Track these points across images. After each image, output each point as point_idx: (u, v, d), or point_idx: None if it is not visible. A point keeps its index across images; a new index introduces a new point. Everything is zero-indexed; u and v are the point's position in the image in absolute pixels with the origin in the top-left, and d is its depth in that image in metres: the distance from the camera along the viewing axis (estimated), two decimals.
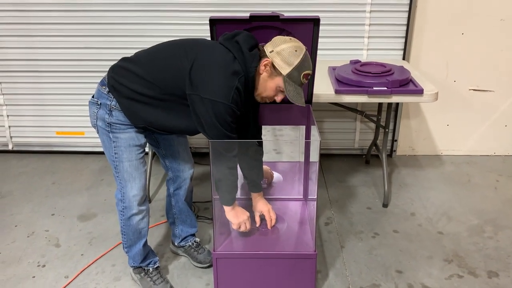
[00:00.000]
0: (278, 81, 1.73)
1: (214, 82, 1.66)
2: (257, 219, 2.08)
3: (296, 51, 1.70)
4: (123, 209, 1.92)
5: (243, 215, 1.96)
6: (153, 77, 1.73)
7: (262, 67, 1.73)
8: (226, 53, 1.70)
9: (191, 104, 1.70)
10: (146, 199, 1.96)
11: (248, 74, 1.71)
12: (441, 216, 2.62)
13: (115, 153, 1.83)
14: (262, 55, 1.74)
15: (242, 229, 1.97)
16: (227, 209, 1.93)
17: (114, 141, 1.82)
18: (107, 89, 1.78)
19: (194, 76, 1.67)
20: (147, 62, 1.77)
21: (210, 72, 1.67)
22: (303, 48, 1.73)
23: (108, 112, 1.78)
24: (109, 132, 1.81)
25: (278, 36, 1.77)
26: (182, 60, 1.70)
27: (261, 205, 2.08)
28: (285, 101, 1.81)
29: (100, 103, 1.79)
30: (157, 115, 1.77)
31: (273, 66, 1.72)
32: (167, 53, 1.76)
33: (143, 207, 1.94)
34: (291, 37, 1.76)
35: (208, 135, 1.74)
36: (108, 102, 1.78)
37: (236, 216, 1.94)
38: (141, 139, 1.85)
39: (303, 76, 1.73)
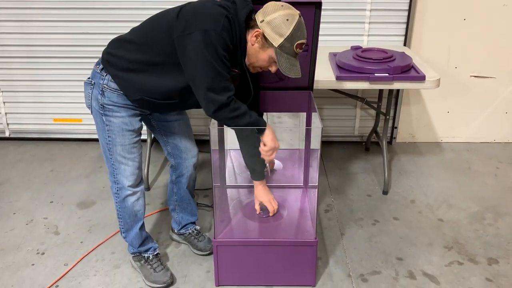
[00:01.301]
0: (271, 53, 1.66)
1: (202, 15, 1.60)
2: (257, 207, 2.06)
3: (287, 20, 1.62)
4: (117, 190, 1.92)
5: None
6: (144, 38, 1.71)
7: (253, 38, 1.66)
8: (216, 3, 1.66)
9: (180, 50, 1.62)
10: (141, 181, 1.95)
11: (239, 23, 1.64)
12: (441, 203, 2.61)
13: (108, 136, 1.82)
14: (253, 24, 1.67)
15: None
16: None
17: (107, 125, 1.81)
18: (101, 66, 1.77)
19: (181, 17, 1.62)
20: (138, 28, 1.77)
21: (197, 10, 1.62)
22: (296, 15, 1.64)
23: (100, 93, 1.77)
24: (102, 115, 1.80)
25: (269, 3, 1.66)
26: (170, 13, 1.68)
27: (262, 195, 2.06)
28: (284, 87, 1.79)
29: (94, 83, 1.78)
30: (153, 82, 1.73)
31: (264, 37, 1.65)
32: (157, 15, 1.75)
33: (137, 189, 1.93)
34: (284, 3, 1.66)
35: (198, 82, 1.62)
36: (101, 82, 1.76)
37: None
38: (135, 124, 1.83)
39: (297, 46, 1.65)
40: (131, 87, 1.75)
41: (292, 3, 1.83)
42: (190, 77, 1.65)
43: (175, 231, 2.27)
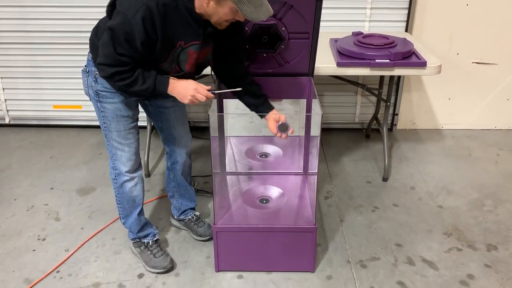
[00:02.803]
0: (229, 4, 1.56)
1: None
2: (273, 130, 1.87)
3: None
4: (115, 176, 1.93)
5: (188, 85, 1.68)
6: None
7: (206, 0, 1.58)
8: None
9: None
10: (139, 167, 1.96)
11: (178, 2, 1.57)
12: (441, 190, 2.61)
13: (103, 123, 1.84)
14: None
15: (200, 98, 1.69)
16: (168, 90, 1.69)
17: (102, 111, 1.82)
18: (90, 54, 1.77)
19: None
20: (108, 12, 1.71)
21: None
22: None
23: (94, 79, 1.77)
24: (97, 102, 1.81)
25: None
26: None
27: (274, 116, 1.88)
28: (284, 73, 1.77)
29: (88, 71, 1.79)
30: None
31: None
32: None
33: (134, 174, 1.94)
34: None
35: (100, 50, 1.59)
36: (93, 69, 1.76)
37: (179, 91, 1.69)
38: (129, 110, 1.83)
39: None
40: None
41: None
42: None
43: (175, 217, 2.27)
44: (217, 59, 1.83)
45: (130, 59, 1.59)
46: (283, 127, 1.84)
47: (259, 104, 1.90)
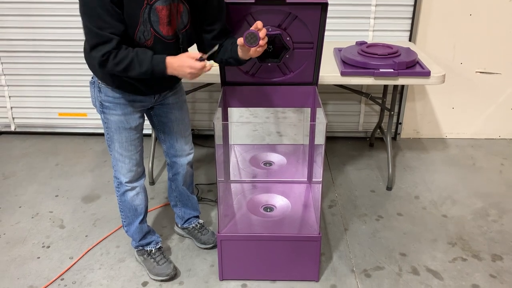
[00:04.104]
0: None
1: None
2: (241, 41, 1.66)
3: None
4: (118, 185, 1.95)
5: (183, 63, 1.62)
6: None
7: None
8: None
9: None
10: (140, 176, 1.96)
11: None
12: (445, 199, 2.61)
13: (107, 133, 1.86)
14: None
15: (193, 72, 1.62)
16: (167, 71, 1.64)
17: (105, 122, 1.83)
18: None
19: None
20: None
21: None
22: None
23: (98, 89, 1.79)
24: (101, 113, 1.83)
25: None
26: None
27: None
28: (288, 82, 1.78)
29: (94, 81, 1.80)
30: None
31: None
32: None
33: (136, 184, 1.95)
34: None
35: (86, 46, 1.59)
36: (96, 79, 1.78)
37: (177, 69, 1.63)
38: (132, 122, 1.83)
39: None
40: (104, 72, 1.71)
41: (298, 4, 1.83)
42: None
43: (179, 226, 2.28)
44: (199, 35, 1.76)
45: (110, 29, 1.54)
46: (251, 38, 1.62)
47: (234, 46, 1.74)
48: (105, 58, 1.57)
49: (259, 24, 1.61)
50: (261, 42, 1.62)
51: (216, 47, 1.71)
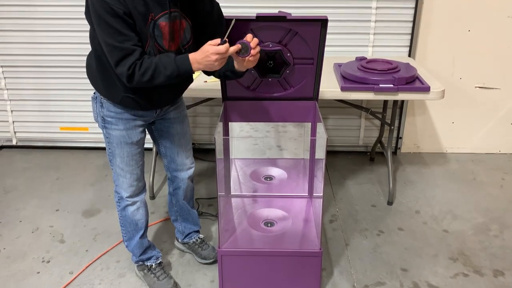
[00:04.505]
0: None
1: None
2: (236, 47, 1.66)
3: None
4: (118, 199, 1.95)
5: (205, 53, 1.60)
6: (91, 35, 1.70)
7: None
8: None
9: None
10: (141, 191, 1.97)
11: None
12: (446, 214, 2.61)
13: (109, 148, 1.86)
14: None
15: (219, 57, 1.60)
16: (193, 67, 1.63)
17: (107, 137, 1.84)
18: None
19: None
20: None
21: None
22: None
23: (100, 105, 1.80)
24: (103, 128, 1.84)
25: None
26: None
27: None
28: (289, 97, 1.80)
29: (96, 97, 1.82)
30: (113, 73, 1.68)
31: None
32: None
33: (136, 198, 1.95)
34: None
35: (108, 59, 1.60)
36: (98, 94, 1.80)
37: (202, 62, 1.61)
38: (134, 136, 1.84)
39: None
40: (112, 87, 1.73)
41: (298, 20, 1.86)
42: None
43: (179, 241, 2.27)
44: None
45: (130, 41, 1.56)
46: (242, 48, 1.63)
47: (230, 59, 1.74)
48: (131, 71, 1.58)
49: (248, 36, 1.63)
50: (253, 52, 1.63)
51: (232, 23, 1.66)
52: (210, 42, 1.61)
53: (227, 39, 1.60)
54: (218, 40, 1.60)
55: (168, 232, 2.44)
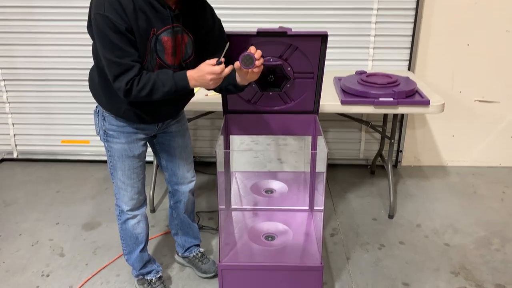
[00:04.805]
0: None
1: (94, 0, 1.58)
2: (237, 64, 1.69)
3: None
4: (119, 213, 1.95)
5: (203, 73, 1.63)
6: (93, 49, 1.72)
7: None
8: None
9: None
10: (142, 204, 1.96)
11: None
12: (447, 227, 2.60)
13: (110, 162, 1.87)
14: None
15: (214, 77, 1.63)
16: (190, 84, 1.66)
17: (109, 150, 1.85)
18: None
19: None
20: None
21: None
22: None
23: (102, 118, 1.81)
24: (105, 141, 1.84)
25: None
26: None
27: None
28: (290, 111, 1.81)
29: (98, 110, 1.83)
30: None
31: None
32: None
33: (137, 212, 1.94)
34: None
35: (107, 73, 1.61)
36: (101, 108, 1.81)
37: (199, 80, 1.64)
38: (135, 150, 1.85)
39: None
40: (115, 101, 1.74)
41: (299, 36, 1.88)
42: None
43: (179, 255, 2.26)
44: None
45: (129, 57, 1.58)
46: (247, 60, 1.63)
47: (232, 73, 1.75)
48: (129, 86, 1.60)
49: (252, 48, 1.65)
50: (257, 63, 1.64)
51: (227, 46, 1.69)
52: (207, 61, 1.64)
53: (222, 60, 1.63)
54: (214, 60, 1.63)
55: (169, 245, 2.43)
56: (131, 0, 1.55)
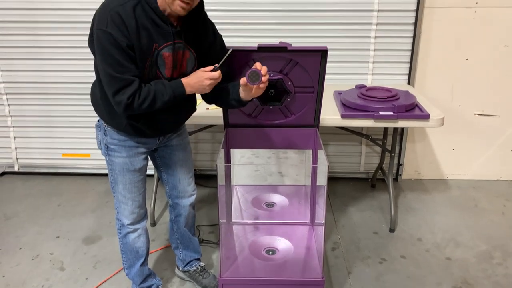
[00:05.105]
0: None
1: (95, 15, 1.61)
2: (243, 81, 1.74)
3: None
4: (120, 227, 1.95)
5: (199, 78, 1.70)
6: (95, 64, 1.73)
7: None
8: None
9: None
10: (142, 218, 1.97)
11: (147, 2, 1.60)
12: (448, 241, 2.59)
13: (111, 175, 1.87)
14: None
15: (212, 82, 1.70)
16: (186, 91, 1.71)
17: (110, 164, 1.86)
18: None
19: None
20: None
21: (97, 10, 1.62)
22: None
23: (104, 132, 1.82)
24: (106, 155, 1.85)
25: None
26: None
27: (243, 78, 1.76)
28: (290, 125, 1.82)
29: (100, 124, 1.84)
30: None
31: None
32: None
33: (137, 226, 1.95)
34: None
35: (105, 89, 1.64)
36: (102, 122, 1.82)
37: (195, 85, 1.71)
38: (136, 164, 1.85)
39: None
40: (115, 116, 1.75)
41: (299, 51, 1.90)
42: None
43: (180, 269, 2.25)
44: None
45: (129, 72, 1.60)
46: (253, 76, 1.68)
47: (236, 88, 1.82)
48: (130, 100, 1.62)
49: (258, 65, 1.70)
50: (263, 79, 1.70)
51: (228, 53, 1.75)
52: (202, 68, 1.71)
53: (217, 65, 1.70)
54: (210, 67, 1.70)
55: (169, 259, 2.42)
56: (134, 17, 1.58)
